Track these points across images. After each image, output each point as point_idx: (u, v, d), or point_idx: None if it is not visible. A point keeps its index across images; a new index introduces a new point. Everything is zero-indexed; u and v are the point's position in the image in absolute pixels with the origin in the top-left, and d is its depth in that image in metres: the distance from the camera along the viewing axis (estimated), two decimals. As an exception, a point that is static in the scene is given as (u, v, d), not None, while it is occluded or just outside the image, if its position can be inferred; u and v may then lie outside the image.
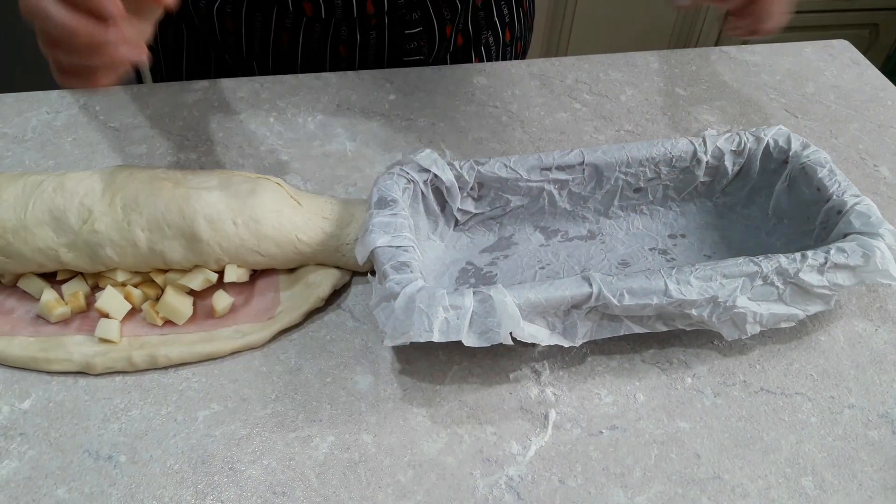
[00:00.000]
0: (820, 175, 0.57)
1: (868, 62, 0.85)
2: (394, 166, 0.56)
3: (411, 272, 0.48)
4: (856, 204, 0.55)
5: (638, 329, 0.51)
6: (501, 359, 0.52)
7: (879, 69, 0.85)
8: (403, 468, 0.46)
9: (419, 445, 0.47)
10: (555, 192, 0.60)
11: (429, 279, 0.50)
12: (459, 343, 0.51)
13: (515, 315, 0.46)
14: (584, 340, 0.50)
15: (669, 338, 0.54)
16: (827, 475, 0.47)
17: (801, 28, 1.85)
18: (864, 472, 0.48)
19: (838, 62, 0.85)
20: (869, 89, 0.81)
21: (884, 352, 0.55)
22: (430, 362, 0.52)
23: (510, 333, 0.46)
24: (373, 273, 0.51)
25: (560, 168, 0.59)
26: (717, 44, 1.90)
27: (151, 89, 0.73)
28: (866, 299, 0.58)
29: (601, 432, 0.49)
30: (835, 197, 0.56)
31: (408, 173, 0.56)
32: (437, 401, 0.50)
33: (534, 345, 0.53)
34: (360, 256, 0.51)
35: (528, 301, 0.47)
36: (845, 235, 0.54)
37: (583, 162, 0.59)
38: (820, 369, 0.53)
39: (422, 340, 0.45)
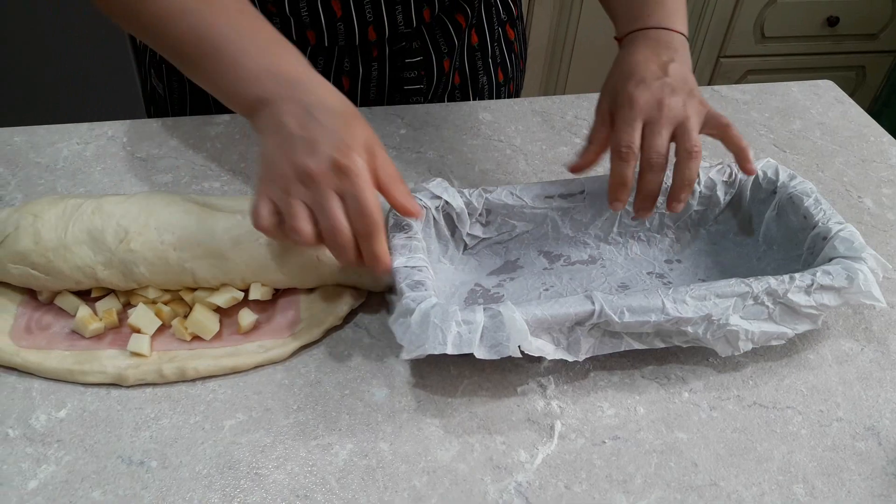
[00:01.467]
0: (806, 204, 0.61)
1: (851, 101, 0.90)
2: (413, 190, 0.60)
3: (425, 290, 0.52)
4: (840, 230, 0.58)
5: (637, 345, 0.54)
6: (509, 374, 0.56)
7: (866, 110, 0.89)
8: (418, 474, 0.49)
9: (433, 453, 0.50)
10: (558, 219, 0.64)
11: (440, 298, 0.53)
12: (470, 358, 0.55)
13: (523, 329, 0.50)
14: (588, 356, 0.53)
15: (667, 355, 0.58)
16: (817, 483, 0.50)
17: (791, 70, 1.92)
18: (853, 481, 0.50)
19: (823, 101, 0.90)
20: (853, 126, 0.85)
21: (869, 369, 0.58)
22: (442, 376, 0.55)
23: (519, 347, 0.50)
24: (393, 291, 0.55)
25: (563, 196, 0.63)
26: (710, 83, 1.96)
27: (176, 122, 0.78)
28: (852, 321, 0.62)
29: (604, 442, 0.52)
30: (820, 224, 0.60)
31: (421, 200, 0.59)
32: (450, 412, 0.53)
33: (540, 360, 0.56)
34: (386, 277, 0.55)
35: (534, 317, 0.50)
36: (830, 260, 0.57)
37: (583, 191, 0.63)
38: (809, 385, 0.57)
39: (436, 353, 0.49)
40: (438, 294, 0.54)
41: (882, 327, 0.61)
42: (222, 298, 0.56)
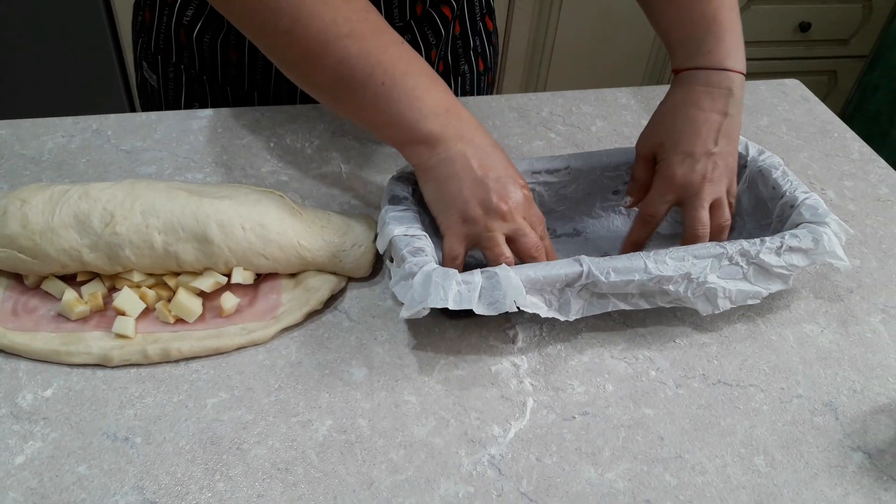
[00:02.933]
0: (775, 175, 0.66)
1: (817, 99, 0.93)
2: (402, 172, 0.63)
3: (426, 256, 0.55)
4: (806, 199, 0.63)
5: (623, 306, 0.57)
6: (484, 355, 0.58)
7: (838, 114, 0.93)
8: (396, 448, 0.51)
9: (410, 428, 0.52)
10: (544, 194, 0.67)
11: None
12: (446, 341, 0.57)
13: (519, 286, 0.53)
14: (578, 316, 0.57)
15: (636, 336, 0.60)
16: (777, 455, 0.53)
17: (764, 74, 1.96)
18: (811, 453, 0.53)
19: (790, 99, 0.93)
20: (818, 122, 0.89)
21: (829, 349, 0.61)
22: (420, 358, 0.57)
23: (514, 302, 0.53)
24: (390, 260, 0.58)
25: (549, 172, 0.67)
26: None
27: (159, 117, 0.79)
28: (813, 304, 0.65)
29: (574, 417, 0.54)
30: (788, 193, 0.64)
31: (413, 176, 0.62)
32: (426, 390, 0.55)
33: (514, 342, 0.59)
34: (381, 246, 0.58)
35: (528, 278, 0.54)
36: (798, 225, 0.62)
37: (568, 167, 0.67)
38: (771, 365, 0.59)
39: (438, 307, 0.52)
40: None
41: (842, 310, 0.64)
42: (206, 283, 0.57)
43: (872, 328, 0.63)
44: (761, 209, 0.67)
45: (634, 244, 0.66)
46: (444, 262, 0.58)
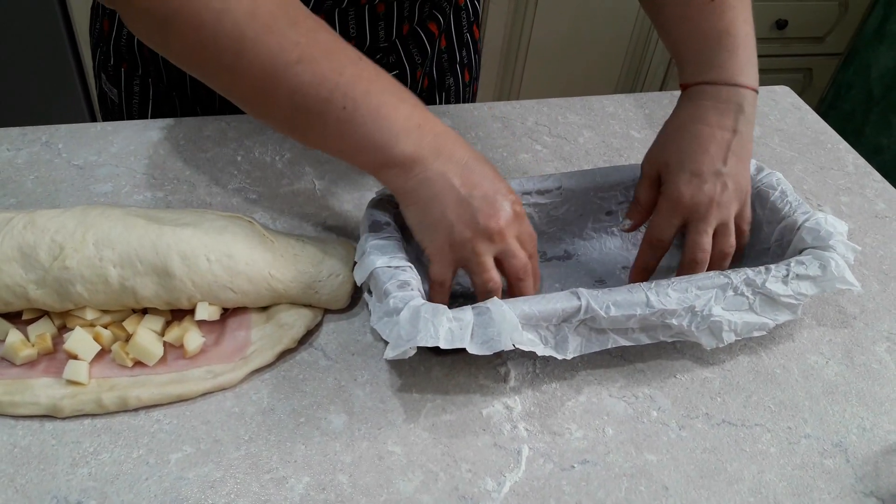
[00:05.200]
0: (772, 198, 0.62)
1: (808, 107, 0.90)
2: (382, 193, 0.58)
3: (412, 290, 0.50)
4: (806, 221, 0.59)
5: (623, 342, 0.53)
6: (474, 395, 0.53)
7: (814, 110, 0.90)
8: (380, 507, 0.46)
9: (395, 484, 0.48)
10: (535, 215, 0.63)
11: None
12: (433, 381, 0.53)
13: (514, 322, 0.49)
14: (575, 354, 0.52)
15: (634, 372, 0.56)
16: (788, 504, 0.49)
17: (741, 72, 1.94)
18: (823, 500, 0.50)
19: (780, 107, 0.90)
20: (810, 133, 0.86)
21: (835, 383, 0.57)
22: (404, 401, 0.52)
23: (510, 340, 0.49)
24: (369, 293, 0.53)
25: (539, 192, 0.62)
26: (661, 87, 1.98)
27: (115, 127, 0.73)
28: (817, 332, 0.61)
29: (573, 467, 0.50)
30: (787, 217, 0.61)
31: (394, 199, 0.57)
32: (412, 439, 0.50)
33: (506, 380, 0.54)
34: (359, 278, 0.53)
35: (522, 313, 0.50)
36: (801, 251, 0.58)
37: (560, 187, 0.63)
38: (777, 401, 0.56)
39: (428, 346, 0.47)
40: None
41: (846, 338, 0.61)
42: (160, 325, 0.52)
43: (878, 358, 0.60)
44: (759, 232, 0.64)
45: (643, 270, 0.61)
46: (430, 289, 0.53)
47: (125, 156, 0.70)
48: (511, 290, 0.54)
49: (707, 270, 0.58)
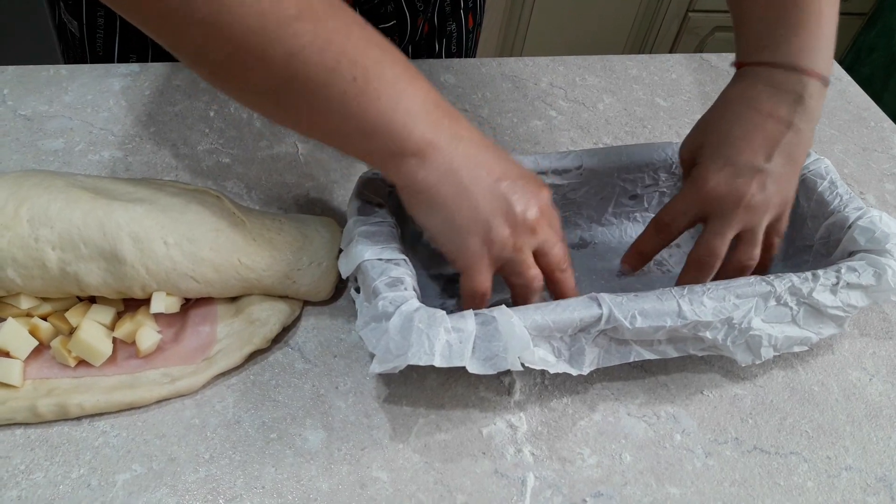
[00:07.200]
0: (820, 189, 0.55)
1: (850, 79, 0.82)
2: (374, 170, 0.50)
3: (406, 290, 0.42)
4: (858, 219, 0.52)
5: (648, 355, 0.47)
6: (473, 410, 0.46)
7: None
8: (361, 547, 0.40)
9: (379, 518, 0.41)
10: None
11: (419, 294, 0.44)
12: (427, 391, 0.46)
13: (524, 338, 0.42)
14: (592, 368, 0.45)
15: (656, 386, 0.49)
16: (826, 550, 0.43)
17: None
18: (865, 546, 0.44)
19: (820, 77, 0.81)
20: (852, 108, 0.77)
21: (879, 404, 0.51)
22: (392, 415, 0.45)
23: (519, 359, 0.42)
24: (356, 290, 0.45)
25: (556, 172, 0.55)
26: (672, 47, 1.87)
27: (71, 72, 0.64)
28: (859, 343, 0.54)
29: (584, 501, 0.43)
30: (836, 212, 0.53)
31: (384, 180, 0.49)
32: (401, 462, 0.43)
33: (510, 393, 0.47)
34: (345, 270, 0.45)
35: (534, 323, 0.43)
36: (851, 253, 0.51)
37: (581, 166, 0.55)
38: (815, 424, 0.49)
39: (421, 364, 0.40)
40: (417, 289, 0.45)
41: (891, 351, 0.54)
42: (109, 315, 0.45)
43: (927, 376, 0.53)
44: (800, 226, 0.56)
45: (640, 254, 0.54)
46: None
47: (81, 106, 0.61)
48: (551, 286, 0.46)
49: (721, 274, 0.50)
